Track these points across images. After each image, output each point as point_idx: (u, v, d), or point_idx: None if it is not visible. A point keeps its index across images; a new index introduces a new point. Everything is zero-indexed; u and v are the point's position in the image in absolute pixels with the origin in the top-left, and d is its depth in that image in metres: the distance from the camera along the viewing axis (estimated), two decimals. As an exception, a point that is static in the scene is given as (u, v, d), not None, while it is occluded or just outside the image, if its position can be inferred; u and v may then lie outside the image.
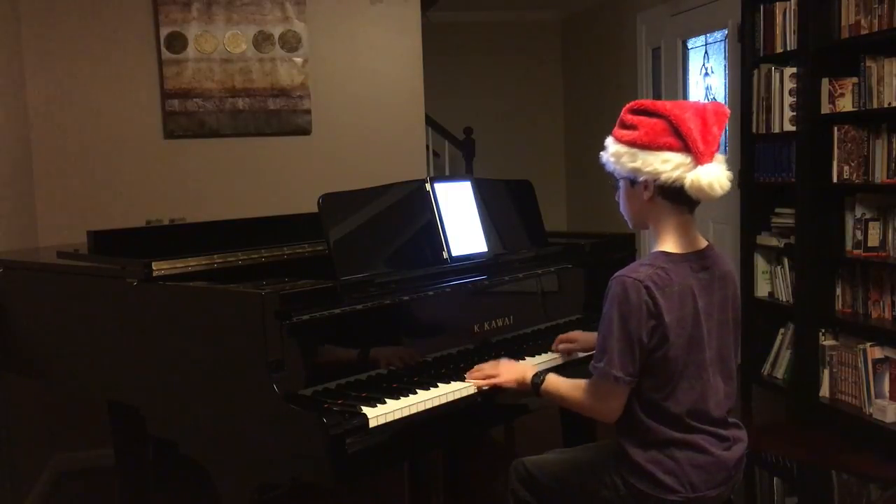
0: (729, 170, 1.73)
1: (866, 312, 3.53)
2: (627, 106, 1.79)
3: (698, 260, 1.79)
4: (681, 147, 1.69)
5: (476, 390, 1.97)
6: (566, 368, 2.14)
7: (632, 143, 1.74)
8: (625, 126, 1.78)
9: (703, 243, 1.83)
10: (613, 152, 1.78)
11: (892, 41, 3.27)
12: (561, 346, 2.26)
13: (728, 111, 1.78)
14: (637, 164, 1.73)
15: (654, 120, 1.72)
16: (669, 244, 1.79)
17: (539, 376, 1.91)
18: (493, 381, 1.97)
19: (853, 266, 3.58)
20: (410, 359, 2.02)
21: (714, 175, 1.68)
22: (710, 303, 1.79)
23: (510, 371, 1.98)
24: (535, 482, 1.98)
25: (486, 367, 2.01)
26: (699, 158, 1.68)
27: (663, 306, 1.69)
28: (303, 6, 3.78)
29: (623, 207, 1.87)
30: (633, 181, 1.78)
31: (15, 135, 3.31)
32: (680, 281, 1.73)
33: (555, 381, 1.89)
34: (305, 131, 3.85)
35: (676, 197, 1.74)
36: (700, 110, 1.73)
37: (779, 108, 3.79)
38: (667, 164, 1.70)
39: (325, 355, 1.86)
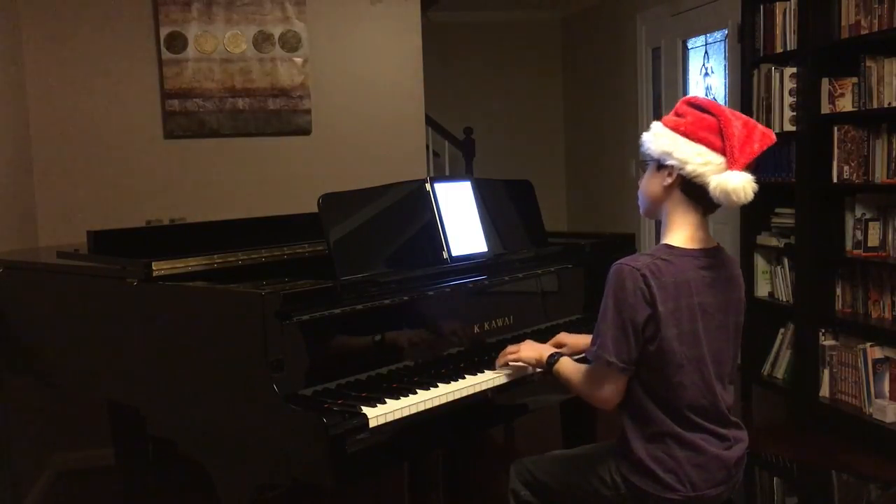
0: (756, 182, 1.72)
1: (866, 312, 3.53)
2: (686, 97, 1.83)
3: (704, 258, 1.79)
4: (718, 148, 1.71)
5: (475, 390, 1.97)
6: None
7: (674, 129, 1.77)
8: (676, 114, 1.81)
9: (713, 243, 1.84)
10: (655, 132, 1.81)
11: (892, 41, 3.27)
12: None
13: (774, 138, 1.78)
14: (670, 148, 1.75)
15: (705, 115, 1.75)
16: (677, 238, 1.79)
17: (554, 356, 1.96)
18: (514, 355, 2.04)
19: (853, 266, 3.58)
20: (410, 358, 2.02)
21: (741, 182, 1.68)
22: (711, 302, 1.79)
23: (531, 349, 2.04)
24: (536, 482, 1.99)
25: (510, 347, 2.08)
26: (731, 164, 1.69)
27: (658, 296, 1.70)
28: (303, 6, 3.77)
29: (642, 189, 1.87)
30: (660, 164, 1.79)
31: (15, 135, 3.31)
32: (679, 273, 1.74)
33: (565, 364, 1.94)
34: (305, 131, 3.85)
35: (695, 194, 1.75)
36: (751, 125, 1.75)
37: (779, 108, 3.79)
38: (698, 157, 1.71)
39: (325, 355, 1.86)
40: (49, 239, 3.45)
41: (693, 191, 1.75)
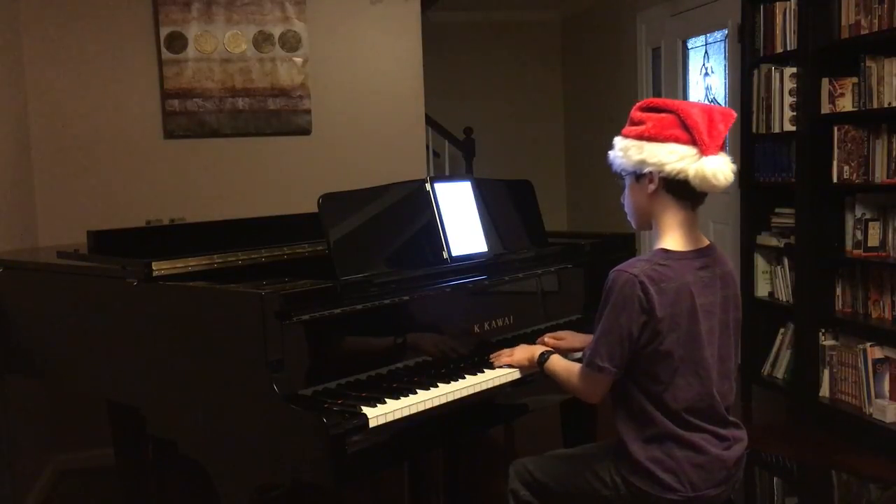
0: (734, 163, 1.77)
1: (866, 312, 3.53)
2: (637, 104, 1.85)
3: (700, 258, 1.81)
4: (687, 140, 1.73)
5: (475, 390, 1.97)
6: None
7: (639, 136, 1.79)
8: (633, 123, 1.83)
9: (706, 242, 1.86)
10: (621, 147, 1.83)
11: (892, 41, 3.26)
12: (547, 339, 2.24)
13: (735, 114, 1.82)
14: (643, 156, 1.77)
15: (663, 115, 1.77)
16: (671, 241, 1.80)
17: (545, 355, 1.99)
18: (506, 359, 2.07)
19: (853, 266, 3.57)
20: (410, 358, 2.02)
21: (718, 166, 1.72)
22: (712, 301, 1.80)
23: (523, 350, 2.08)
24: (536, 482, 1.99)
25: (505, 350, 2.11)
26: (704, 150, 1.72)
27: (656, 301, 1.71)
28: (303, 6, 3.78)
29: (627, 205, 1.89)
30: (638, 175, 1.81)
31: (15, 135, 3.31)
32: (677, 278, 1.75)
33: (555, 361, 1.97)
34: (305, 131, 3.85)
35: (680, 191, 1.77)
36: (707, 109, 1.78)
37: (779, 108, 3.79)
38: (672, 155, 1.73)
39: (325, 355, 1.86)
40: (49, 239, 3.44)
41: (678, 188, 1.77)
